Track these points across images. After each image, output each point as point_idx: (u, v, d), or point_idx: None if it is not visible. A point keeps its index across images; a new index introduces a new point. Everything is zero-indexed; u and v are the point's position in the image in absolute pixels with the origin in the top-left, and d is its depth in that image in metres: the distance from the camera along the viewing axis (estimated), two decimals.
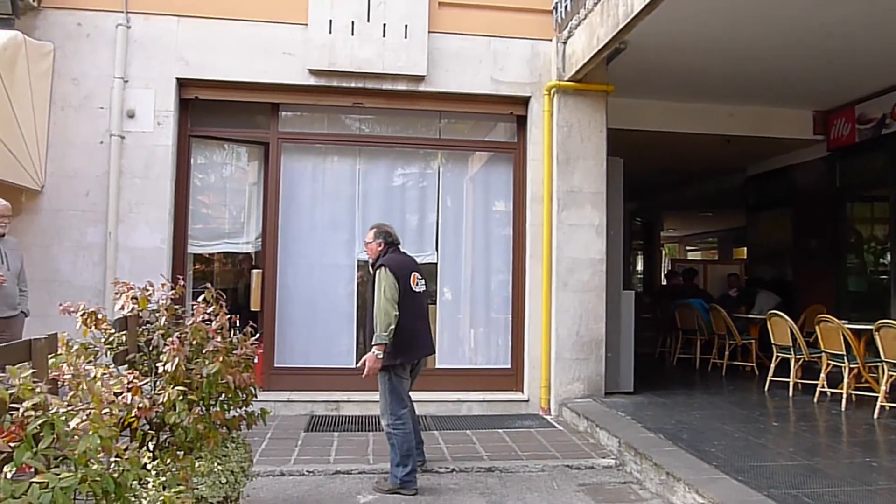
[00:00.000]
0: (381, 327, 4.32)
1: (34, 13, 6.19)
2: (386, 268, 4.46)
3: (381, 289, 4.38)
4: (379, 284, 4.40)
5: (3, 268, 5.14)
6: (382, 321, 4.33)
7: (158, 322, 3.34)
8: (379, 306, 4.36)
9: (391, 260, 4.55)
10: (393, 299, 4.37)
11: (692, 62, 6.74)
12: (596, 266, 6.61)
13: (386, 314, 4.33)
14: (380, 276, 4.43)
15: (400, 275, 4.47)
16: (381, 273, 4.44)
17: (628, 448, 4.96)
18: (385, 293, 4.36)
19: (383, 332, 4.32)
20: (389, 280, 4.40)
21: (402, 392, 4.55)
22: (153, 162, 6.30)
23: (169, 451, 3.16)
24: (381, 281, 4.41)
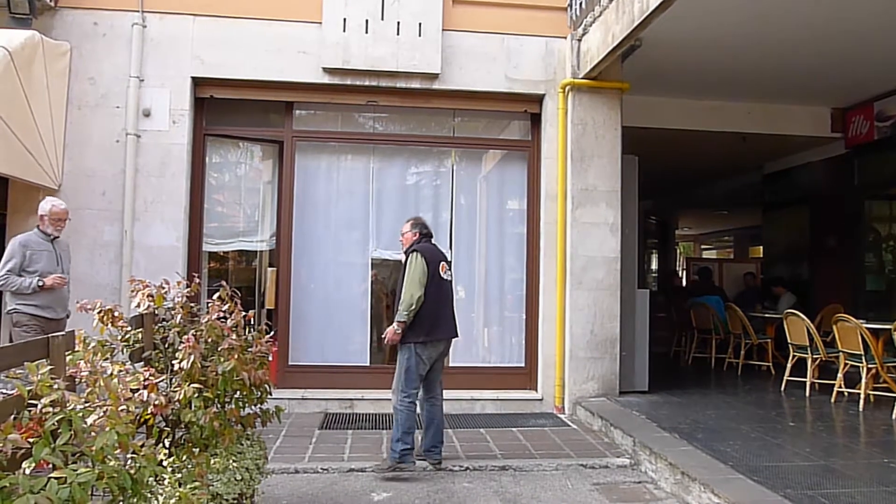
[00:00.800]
0: (404, 306, 4.65)
1: (51, 13, 6.25)
2: (418, 253, 4.78)
3: (410, 272, 4.71)
4: (409, 268, 4.73)
5: (58, 269, 5.21)
6: (406, 301, 4.65)
7: (174, 320, 3.36)
8: (406, 287, 4.68)
9: (423, 247, 4.86)
10: (420, 283, 4.68)
11: (708, 59, 6.67)
12: (610, 264, 6.57)
13: (410, 295, 4.65)
14: (412, 260, 4.75)
15: (430, 261, 4.77)
16: (414, 257, 4.76)
17: (643, 447, 4.93)
18: (414, 276, 4.68)
19: (404, 310, 4.64)
20: (420, 264, 4.72)
21: (416, 374, 4.76)
22: (169, 161, 6.34)
23: (185, 448, 3.18)
24: (412, 264, 4.73)
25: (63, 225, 5.32)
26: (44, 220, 5.23)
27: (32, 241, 5.18)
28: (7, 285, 5.03)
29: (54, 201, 5.34)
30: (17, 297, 5.07)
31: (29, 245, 5.14)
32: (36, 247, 5.16)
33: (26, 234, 5.26)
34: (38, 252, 5.15)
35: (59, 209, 5.28)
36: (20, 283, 5.01)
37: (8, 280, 5.02)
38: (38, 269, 5.09)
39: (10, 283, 5.02)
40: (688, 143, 8.93)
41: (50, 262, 5.18)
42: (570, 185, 6.61)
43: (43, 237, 5.22)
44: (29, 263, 5.09)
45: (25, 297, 5.04)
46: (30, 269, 5.08)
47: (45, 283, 5.03)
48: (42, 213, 5.24)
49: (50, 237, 5.24)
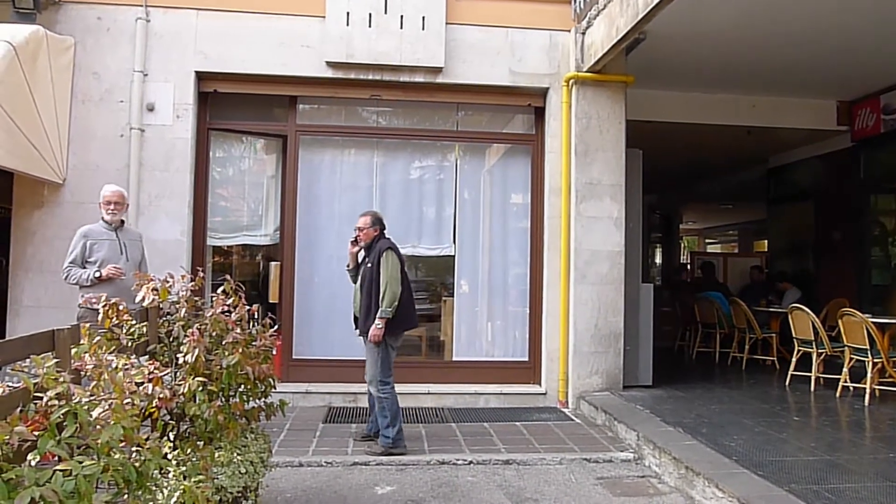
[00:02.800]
0: (387, 303, 4.90)
1: (55, 8, 6.25)
2: (392, 251, 5.03)
3: (387, 270, 4.94)
4: (386, 266, 4.95)
5: (122, 259, 5.03)
6: (388, 298, 4.90)
7: (179, 313, 3.37)
8: (387, 285, 4.91)
9: (393, 245, 5.12)
10: (398, 280, 4.97)
11: (713, 52, 6.64)
12: (614, 259, 6.56)
13: (392, 293, 4.91)
14: (387, 259, 4.97)
15: (401, 258, 5.08)
16: (389, 256, 4.99)
17: (647, 442, 4.93)
18: (393, 273, 4.94)
19: (388, 307, 4.89)
20: (396, 262, 4.99)
21: (390, 362, 5.09)
22: (173, 155, 6.34)
23: (189, 442, 3.19)
24: (388, 263, 4.96)
25: (115, 209, 5.07)
26: (100, 206, 5.09)
27: (94, 231, 5.03)
28: (69, 278, 4.92)
29: (106, 186, 5.20)
30: (82, 291, 4.91)
31: (90, 235, 5.00)
32: (97, 236, 5.00)
33: (91, 224, 5.12)
34: (100, 241, 4.99)
35: (107, 192, 5.11)
36: (80, 276, 4.88)
37: (70, 272, 4.91)
38: (98, 258, 4.94)
39: (71, 276, 4.91)
40: (692, 136, 8.90)
41: (112, 251, 5.00)
42: (574, 179, 6.59)
43: (105, 226, 5.07)
44: (90, 254, 4.94)
45: (87, 289, 4.84)
46: (91, 260, 4.93)
47: (102, 273, 4.86)
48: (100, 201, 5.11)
49: (111, 225, 5.08)
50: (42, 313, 6.00)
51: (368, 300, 4.99)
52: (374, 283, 4.96)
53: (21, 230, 6.18)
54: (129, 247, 5.13)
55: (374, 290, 4.95)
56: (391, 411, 4.98)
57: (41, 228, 6.16)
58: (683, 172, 12.35)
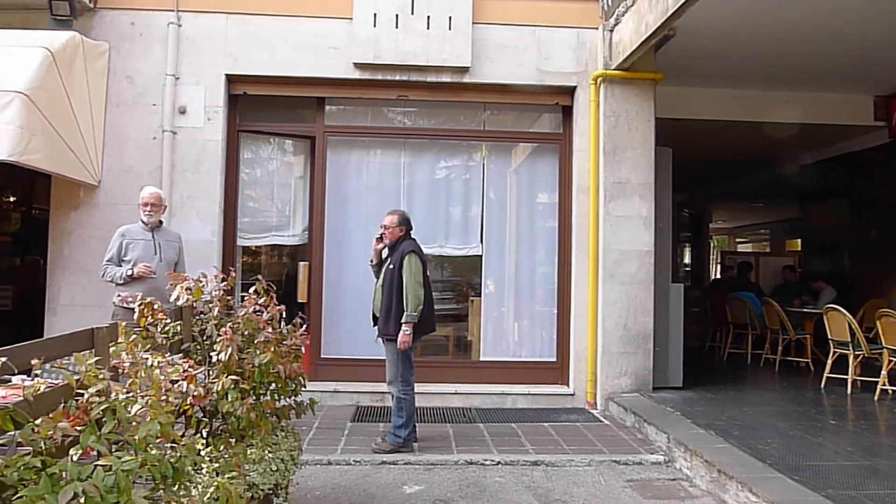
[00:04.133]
0: (412, 307, 4.91)
1: (90, 14, 6.41)
2: (416, 255, 5.03)
3: (411, 273, 4.95)
4: (409, 269, 4.96)
5: (154, 259, 5.13)
6: (413, 302, 4.92)
7: (212, 312, 3.43)
8: (410, 289, 4.93)
9: (417, 247, 5.12)
10: (421, 283, 4.98)
11: (744, 47, 6.54)
12: (644, 258, 6.51)
13: (417, 297, 4.93)
14: (410, 262, 4.98)
15: (423, 261, 5.09)
16: (412, 259, 4.99)
17: (678, 444, 4.88)
18: (416, 276, 4.95)
19: (413, 311, 4.91)
20: (418, 265, 5.00)
21: (410, 363, 5.14)
22: (204, 157, 6.45)
23: (222, 439, 3.24)
24: (411, 266, 4.97)
25: (152, 210, 5.22)
26: (139, 207, 5.24)
27: (131, 231, 5.19)
28: (105, 275, 5.09)
29: (145, 188, 5.35)
30: (117, 289, 5.09)
31: (127, 234, 5.16)
32: (133, 236, 5.16)
33: (130, 224, 5.28)
34: (135, 241, 5.14)
35: (144, 194, 5.26)
36: (114, 273, 5.04)
37: (106, 270, 5.08)
38: (132, 258, 5.08)
39: (107, 274, 5.08)
40: (723, 133, 8.78)
41: (146, 251, 5.14)
42: (602, 178, 6.55)
43: (143, 226, 5.22)
44: (125, 253, 5.10)
45: (121, 287, 5.03)
46: (126, 259, 5.08)
47: (134, 272, 5.00)
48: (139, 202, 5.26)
49: (148, 226, 5.22)
50: (78, 311, 6.15)
51: (389, 301, 5.02)
52: (396, 284, 4.99)
53: (58, 230, 6.34)
54: (164, 247, 5.25)
55: (396, 291, 4.98)
56: (407, 412, 5.04)
57: (77, 229, 6.31)
58: (714, 170, 12.19)
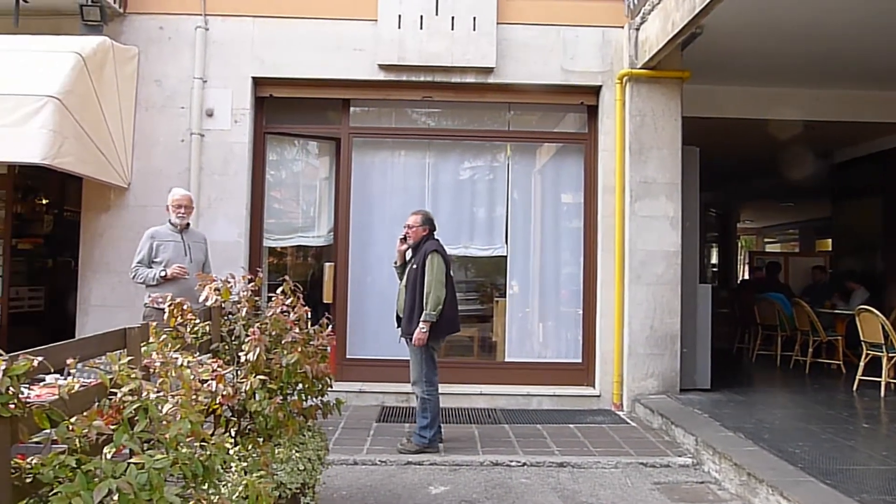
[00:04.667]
0: (431, 306, 4.92)
1: (120, 19, 6.52)
2: (438, 254, 5.04)
3: (433, 273, 4.95)
4: (431, 268, 4.97)
5: (185, 259, 5.19)
6: (432, 301, 4.92)
7: (240, 313, 3.46)
8: (431, 288, 4.94)
9: (440, 247, 5.13)
10: (443, 283, 4.98)
11: (774, 44, 6.43)
12: (670, 259, 6.44)
13: (437, 297, 4.93)
14: (432, 261, 4.98)
15: (446, 261, 5.09)
16: (434, 258, 5.00)
17: (706, 447, 4.82)
18: (438, 276, 4.95)
19: (432, 310, 4.92)
20: (441, 265, 5.00)
21: (434, 363, 5.14)
22: (231, 159, 6.53)
23: (249, 438, 3.28)
24: (433, 265, 4.97)
25: (184, 212, 5.29)
26: (168, 209, 5.30)
27: (160, 232, 5.25)
28: (136, 277, 5.14)
29: (175, 190, 5.41)
30: (148, 291, 5.13)
31: (156, 236, 5.22)
32: (163, 237, 5.21)
33: (158, 226, 5.33)
34: (165, 242, 5.19)
35: (177, 196, 5.32)
36: (146, 275, 5.08)
37: (137, 272, 5.13)
38: (163, 259, 5.13)
39: (139, 275, 5.13)
40: (751, 132, 8.64)
41: (176, 252, 5.18)
42: (628, 177, 6.50)
43: (171, 228, 5.28)
44: (156, 254, 5.15)
45: (153, 289, 5.05)
46: (157, 260, 5.14)
47: (168, 273, 5.05)
48: (167, 204, 5.32)
49: (177, 227, 5.28)
50: (109, 312, 6.25)
51: (412, 301, 5.03)
52: (419, 284, 4.99)
53: (89, 232, 6.47)
54: (193, 248, 5.31)
55: (419, 291, 4.99)
56: (432, 413, 5.05)
57: (107, 230, 6.42)
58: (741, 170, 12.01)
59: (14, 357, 1.76)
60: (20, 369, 1.72)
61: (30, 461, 1.91)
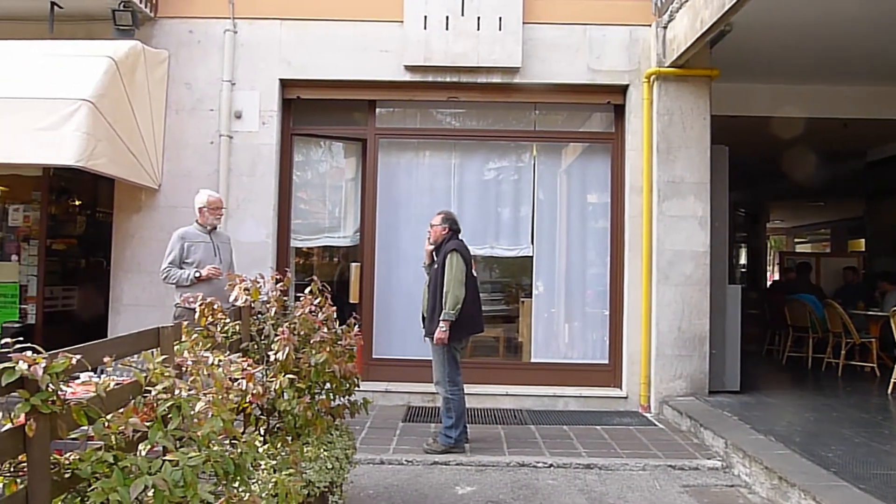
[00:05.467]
0: (450, 305, 4.90)
1: (151, 23, 6.63)
2: (458, 253, 5.01)
3: (451, 272, 4.95)
4: (450, 268, 4.96)
5: (216, 260, 5.24)
6: (451, 300, 4.90)
7: (269, 313, 3.50)
8: (450, 287, 4.92)
9: (460, 246, 5.11)
10: (462, 282, 4.95)
11: (805, 41, 6.31)
12: (699, 259, 6.36)
13: (456, 296, 4.91)
14: (451, 260, 4.98)
15: (466, 260, 5.05)
16: (453, 258, 4.98)
17: (736, 450, 4.75)
18: (456, 275, 4.94)
19: (451, 309, 4.90)
20: (460, 264, 4.98)
21: (457, 363, 5.12)
22: (258, 160, 6.60)
23: (278, 437, 3.31)
24: (452, 264, 4.97)
25: (220, 213, 5.39)
26: (202, 211, 5.32)
27: (190, 233, 5.30)
28: (169, 278, 5.18)
29: (209, 192, 5.44)
30: (178, 291, 5.18)
31: (187, 237, 5.26)
32: (193, 238, 5.26)
33: (186, 227, 5.38)
34: (196, 243, 5.22)
35: (214, 198, 5.37)
36: (179, 276, 5.13)
37: (169, 273, 5.17)
38: (195, 260, 5.17)
39: (171, 276, 5.17)
40: (782, 130, 8.49)
41: (207, 253, 5.24)
42: (655, 177, 6.44)
43: (200, 229, 5.32)
44: (187, 255, 5.20)
45: (185, 289, 5.05)
46: (188, 261, 5.19)
47: (202, 273, 5.08)
48: (199, 206, 5.33)
49: (206, 228, 5.34)
50: (140, 311, 6.37)
51: (433, 301, 5.04)
52: (439, 284, 5.00)
53: (121, 233, 6.58)
54: (221, 249, 5.37)
55: (439, 291, 4.99)
56: (457, 412, 5.04)
57: (139, 231, 6.53)
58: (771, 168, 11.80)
59: (53, 355, 1.79)
60: (60, 367, 1.76)
61: (68, 457, 1.96)
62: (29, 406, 1.72)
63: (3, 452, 1.70)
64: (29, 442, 1.74)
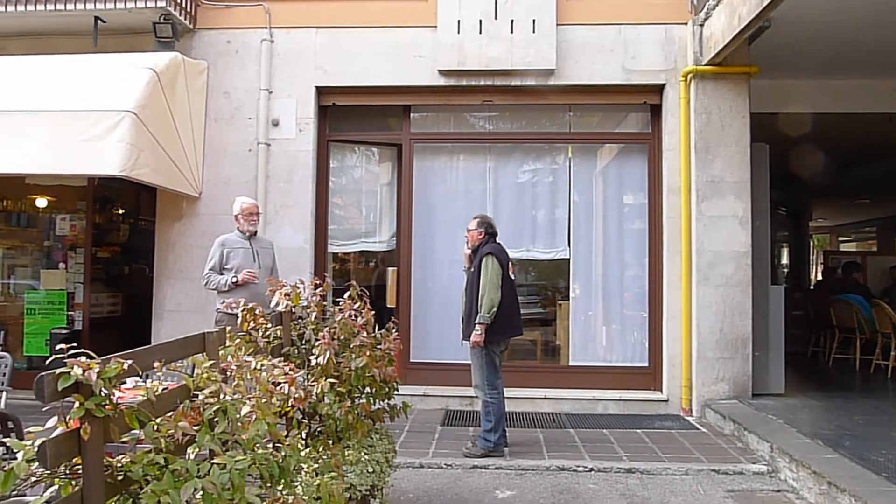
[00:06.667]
0: (485, 309, 4.89)
1: (190, 35, 6.78)
2: (493, 256, 5.00)
3: (487, 275, 4.93)
4: (485, 271, 4.95)
5: (254, 265, 5.36)
6: (486, 304, 4.89)
7: (309, 317, 3.54)
8: (485, 290, 4.91)
9: (496, 249, 5.09)
10: (497, 285, 4.93)
11: (847, 35, 6.13)
12: (740, 259, 6.23)
13: (491, 299, 4.89)
14: (486, 263, 4.97)
15: (502, 263, 5.02)
16: (489, 261, 4.98)
17: (782, 454, 4.64)
18: (492, 278, 4.92)
19: (486, 313, 4.88)
20: (495, 267, 4.96)
21: (495, 366, 5.10)
22: (296, 167, 6.69)
23: (320, 440, 3.34)
24: (487, 268, 4.95)
25: (256, 219, 5.50)
26: (238, 218, 5.46)
27: (230, 240, 5.44)
28: (209, 284, 5.35)
29: (242, 199, 5.58)
30: (220, 296, 5.32)
31: (226, 243, 5.41)
32: (233, 244, 5.40)
33: (227, 234, 5.52)
34: (235, 249, 5.36)
35: (247, 204, 5.50)
36: (218, 281, 5.29)
37: (210, 279, 5.34)
38: (233, 265, 5.30)
39: (211, 282, 5.34)
40: (824, 127, 8.26)
41: (246, 258, 5.36)
42: (694, 177, 6.34)
43: (240, 235, 5.46)
44: (227, 261, 5.35)
45: (225, 294, 5.24)
46: (227, 267, 5.33)
47: (238, 278, 5.23)
48: (235, 213, 5.48)
49: (246, 234, 5.46)
50: (183, 317, 6.51)
51: (470, 304, 5.04)
52: (475, 287, 5.00)
53: (163, 241, 6.74)
54: (261, 254, 5.47)
55: (475, 294, 4.98)
56: (496, 416, 5.02)
57: (180, 238, 6.68)
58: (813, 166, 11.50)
59: (106, 360, 1.84)
60: (112, 372, 1.81)
61: (120, 459, 2.01)
62: (83, 410, 1.76)
63: (59, 455, 1.74)
64: (83, 445, 1.79)
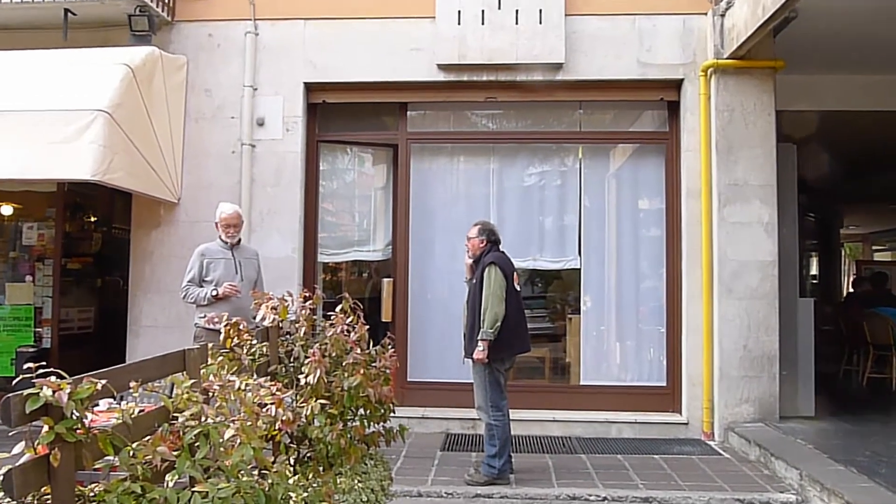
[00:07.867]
0: (488, 324, 4.85)
1: (168, 28, 6.82)
2: (496, 266, 4.97)
3: (490, 287, 4.90)
4: (488, 282, 4.91)
5: (237, 278, 5.31)
6: (489, 318, 4.85)
7: (298, 333, 3.54)
8: (488, 304, 4.88)
9: (499, 259, 5.06)
10: (501, 298, 4.89)
11: (879, 26, 6.15)
12: (766, 269, 6.24)
13: (494, 313, 4.85)
14: (489, 274, 4.93)
15: (506, 273, 4.99)
16: (492, 271, 4.94)
17: (812, 482, 4.63)
18: (495, 290, 4.88)
19: (489, 328, 4.84)
20: (498, 278, 4.93)
21: (500, 386, 5.05)
22: (283, 169, 6.70)
23: (310, 466, 3.33)
24: (490, 279, 4.92)
25: (234, 230, 5.40)
26: (217, 227, 5.44)
27: (210, 249, 5.39)
28: (188, 297, 5.29)
29: (223, 206, 5.52)
30: (199, 310, 5.27)
31: (207, 253, 5.36)
32: (213, 254, 5.35)
33: (208, 243, 5.48)
34: (216, 260, 5.31)
35: (225, 215, 5.41)
36: (197, 295, 5.23)
37: (188, 291, 5.28)
38: (213, 278, 5.25)
39: (190, 295, 5.28)
40: (856, 126, 8.31)
41: (227, 270, 5.31)
42: (715, 179, 6.36)
43: (222, 245, 5.41)
44: (206, 273, 5.29)
45: (205, 309, 5.15)
46: (207, 279, 5.28)
47: (219, 292, 5.16)
48: (215, 221, 5.45)
49: (227, 244, 5.41)
50: (160, 333, 6.50)
51: (472, 318, 5.01)
52: (477, 300, 4.97)
53: (139, 251, 6.74)
54: (244, 265, 5.44)
55: (478, 307, 4.95)
56: (500, 439, 5.00)
57: (158, 248, 6.68)
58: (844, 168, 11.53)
59: (78, 380, 1.84)
60: (84, 393, 1.80)
61: (93, 488, 2.00)
62: (53, 434, 1.75)
63: (26, 484, 1.73)
64: (53, 472, 1.77)
